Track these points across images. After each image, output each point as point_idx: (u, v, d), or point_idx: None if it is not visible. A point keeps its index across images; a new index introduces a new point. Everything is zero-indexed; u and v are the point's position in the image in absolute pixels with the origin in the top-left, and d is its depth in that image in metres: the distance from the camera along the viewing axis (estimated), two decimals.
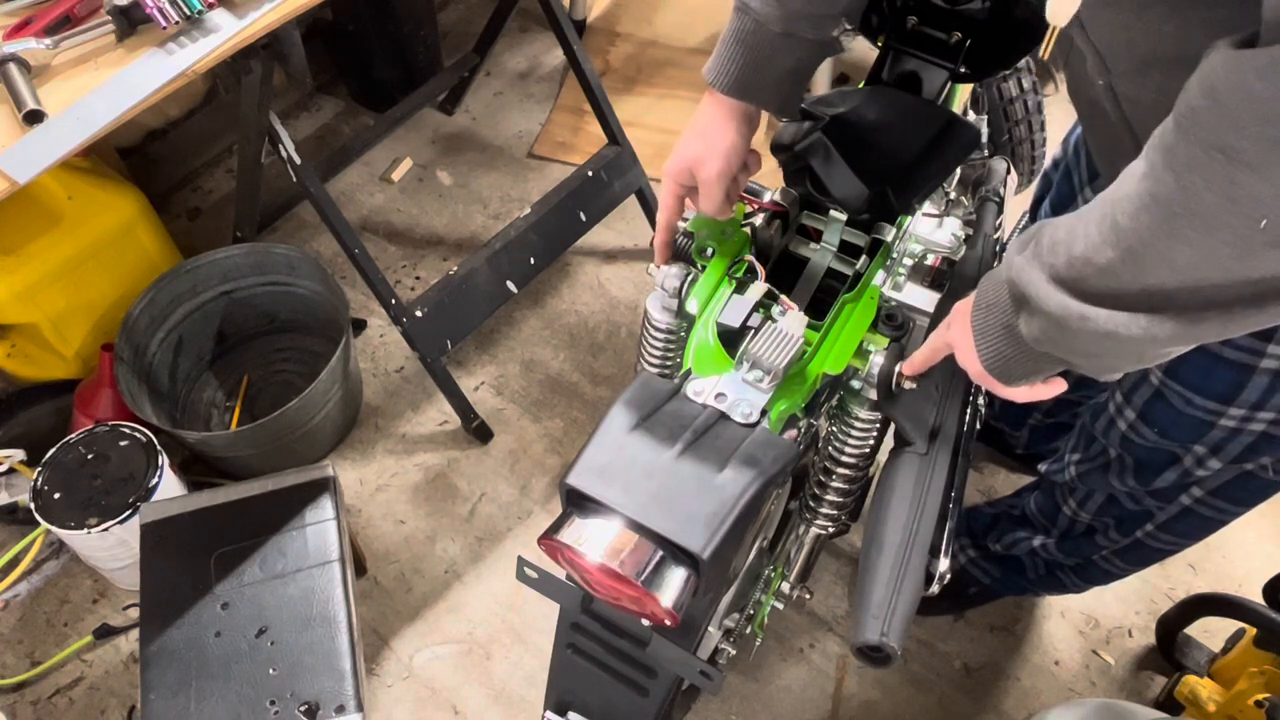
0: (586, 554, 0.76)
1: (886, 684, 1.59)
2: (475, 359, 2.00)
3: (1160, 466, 1.11)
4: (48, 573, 1.70)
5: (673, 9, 2.63)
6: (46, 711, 1.57)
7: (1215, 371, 0.94)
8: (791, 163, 0.98)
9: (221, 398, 1.90)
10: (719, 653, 1.16)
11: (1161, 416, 1.04)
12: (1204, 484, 1.12)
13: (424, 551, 1.73)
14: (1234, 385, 0.94)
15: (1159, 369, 1.01)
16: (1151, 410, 1.05)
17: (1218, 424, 0.99)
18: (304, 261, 1.78)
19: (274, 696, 1.26)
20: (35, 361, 1.79)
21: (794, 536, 1.26)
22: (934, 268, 1.05)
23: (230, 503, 1.42)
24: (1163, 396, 1.02)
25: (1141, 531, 1.24)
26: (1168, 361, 0.98)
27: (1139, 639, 1.64)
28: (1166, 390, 1.01)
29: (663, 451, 0.80)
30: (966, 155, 1.06)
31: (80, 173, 1.72)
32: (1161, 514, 1.20)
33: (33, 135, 1.13)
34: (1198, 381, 0.97)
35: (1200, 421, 1.00)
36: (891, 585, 0.89)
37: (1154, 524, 1.22)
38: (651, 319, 1.03)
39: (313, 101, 2.48)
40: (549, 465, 1.85)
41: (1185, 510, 1.17)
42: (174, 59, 1.20)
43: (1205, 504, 1.15)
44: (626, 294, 2.10)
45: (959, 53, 1.06)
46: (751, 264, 0.98)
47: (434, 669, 1.60)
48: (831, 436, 1.04)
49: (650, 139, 2.30)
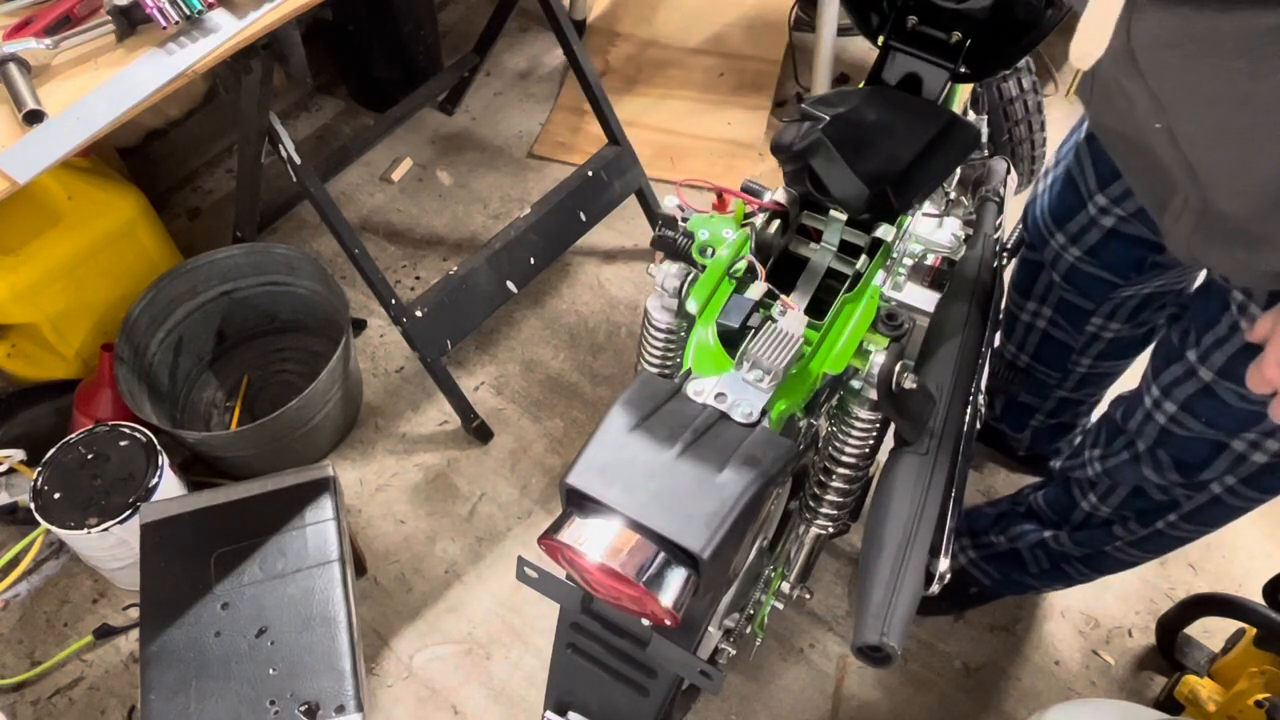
0: (587, 554, 0.76)
1: (886, 684, 1.59)
2: (475, 359, 2.00)
3: (1206, 457, 1.10)
4: (48, 573, 1.70)
5: (673, 9, 2.63)
6: (46, 711, 1.57)
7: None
8: (791, 163, 0.98)
9: (221, 398, 1.90)
10: (719, 653, 1.16)
11: (1207, 410, 1.04)
12: (1237, 471, 1.11)
13: (424, 551, 1.73)
14: None
15: (1209, 367, 1.00)
16: (1195, 404, 1.05)
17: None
18: (304, 261, 1.78)
19: (274, 696, 1.26)
20: (35, 361, 1.79)
21: (794, 536, 1.26)
22: (934, 268, 1.05)
23: (230, 503, 1.42)
24: (1212, 393, 1.02)
25: (1163, 522, 1.23)
26: (1222, 361, 0.98)
27: (1139, 639, 1.64)
28: (1218, 387, 1.01)
29: (663, 451, 0.80)
30: (966, 155, 1.06)
31: (80, 173, 1.72)
32: (1189, 504, 1.18)
33: (33, 135, 1.13)
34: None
35: (1251, 414, 1.00)
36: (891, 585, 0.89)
37: (1178, 514, 1.21)
38: (651, 319, 1.03)
39: (313, 101, 2.48)
40: (549, 465, 1.85)
41: (1214, 499, 1.16)
42: (174, 59, 1.20)
43: (1236, 493, 1.13)
44: (626, 294, 2.10)
45: (959, 52, 1.06)
46: (751, 264, 0.98)
47: (434, 669, 1.60)
48: (831, 436, 1.04)
49: (650, 139, 2.30)
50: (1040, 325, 1.43)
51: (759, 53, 2.50)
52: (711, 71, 2.48)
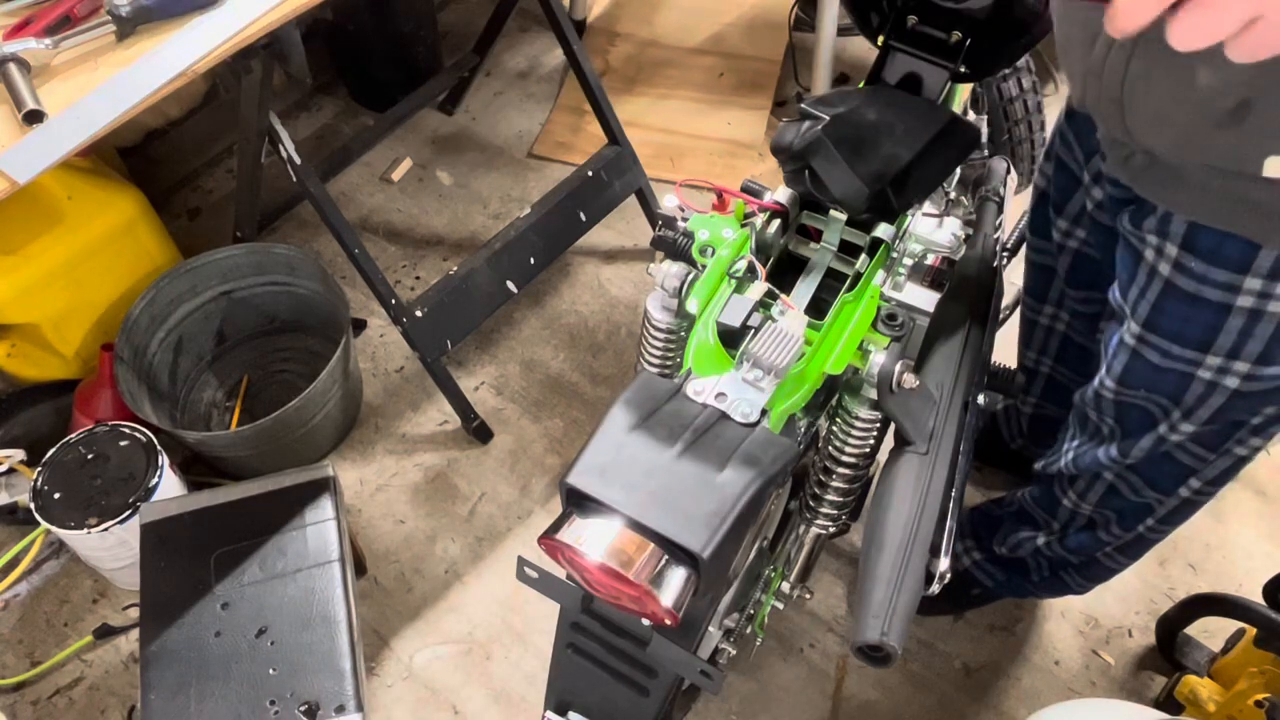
0: (587, 553, 0.76)
1: (886, 684, 1.59)
2: (475, 359, 2.00)
3: (1138, 431, 1.11)
4: (48, 573, 1.70)
5: (673, 9, 2.63)
6: (46, 711, 1.57)
7: (1193, 315, 0.95)
8: (791, 163, 0.98)
9: (221, 398, 1.90)
10: (719, 653, 1.16)
11: (1140, 376, 1.05)
12: (1202, 475, 1.13)
13: (424, 551, 1.73)
14: (1210, 328, 0.95)
15: (1135, 322, 1.02)
16: (1129, 373, 1.06)
17: (1196, 375, 1.00)
18: (304, 261, 1.78)
19: (274, 696, 1.26)
20: (35, 361, 1.79)
21: (794, 536, 1.26)
22: (934, 268, 1.05)
23: (230, 503, 1.42)
24: (1139, 355, 1.03)
25: (1143, 526, 1.24)
26: (1146, 313, 0.99)
27: (1139, 639, 1.64)
28: (1143, 346, 1.02)
29: (663, 451, 0.80)
30: (966, 155, 1.06)
31: (80, 173, 1.72)
32: (1162, 508, 1.20)
33: (33, 135, 1.13)
34: (1176, 328, 0.98)
35: (1180, 375, 1.01)
36: (891, 585, 0.89)
37: (1154, 518, 1.23)
38: (651, 319, 1.03)
39: (313, 101, 2.48)
40: (549, 465, 1.85)
41: (1185, 502, 1.18)
42: (174, 59, 1.20)
43: (1202, 493, 1.16)
44: (626, 294, 2.10)
45: (959, 52, 1.06)
46: (751, 264, 0.98)
47: (434, 669, 1.60)
48: (831, 436, 1.04)
49: (650, 139, 2.30)
50: (1060, 329, 1.42)
51: (759, 53, 2.50)
52: (711, 71, 2.48)
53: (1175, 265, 0.94)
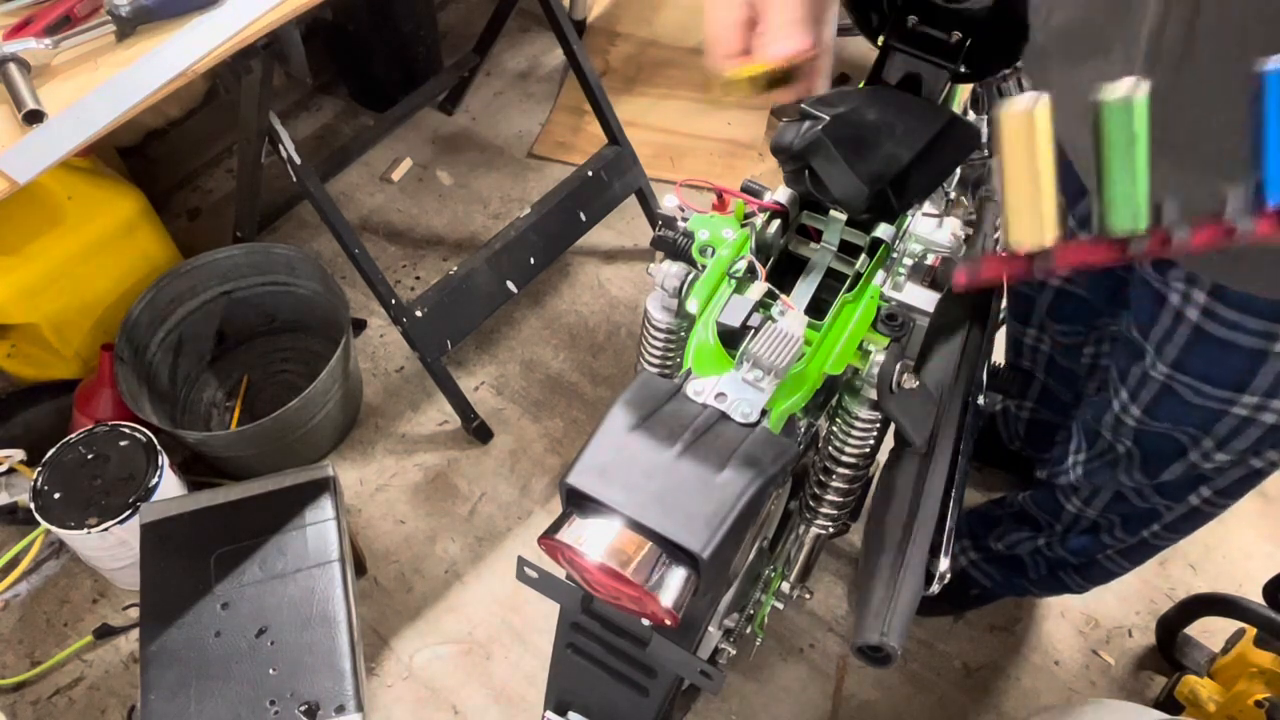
0: (586, 554, 0.76)
1: (886, 684, 1.59)
2: (475, 359, 2.00)
3: (1168, 458, 1.08)
4: (48, 573, 1.70)
5: (673, 9, 2.63)
6: (46, 711, 1.57)
7: (1226, 360, 0.91)
8: (791, 163, 0.98)
9: (221, 398, 1.90)
10: (719, 653, 1.16)
11: (1170, 411, 1.02)
12: (1214, 484, 1.11)
13: (424, 551, 1.73)
14: (1246, 372, 0.91)
15: (1163, 362, 0.98)
16: (1158, 406, 1.03)
17: (1229, 412, 0.96)
18: (304, 261, 1.78)
19: (274, 696, 1.26)
20: (35, 361, 1.79)
21: (794, 536, 1.26)
22: (934, 268, 1.05)
23: (230, 503, 1.42)
24: (1171, 391, 1.00)
25: (1148, 531, 1.23)
26: (1174, 355, 0.97)
27: (1139, 639, 1.64)
28: (1174, 384, 0.99)
29: (663, 451, 0.80)
30: (966, 155, 1.06)
31: (80, 173, 1.72)
32: (1169, 514, 1.19)
33: (33, 135, 1.13)
34: (1206, 370, 0.94)
35: (1211, 411, 0.98)
36: (891, 585, 0.89)
37: (1160, 524, 1.21)
38: (651, 319, 1.03)
39: (313, 101, 2.48)
40: (549, 465, 1.84)
41: (1193, 510, 1.16)
42: (174, 59, 1.20)
43: (1212, 503, 1.14)
44: (626, 294, 2.10)
45: (959, 52, 1.06)
46: (751, 264, 0.98)
47: (434, 669, 1.60)
48: (831, 436, 1.04)
49: (650, 139, 2.30)
50: (1044, 349, 1.41)
51: None
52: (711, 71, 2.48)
53: (1204, 312, 0.90)
